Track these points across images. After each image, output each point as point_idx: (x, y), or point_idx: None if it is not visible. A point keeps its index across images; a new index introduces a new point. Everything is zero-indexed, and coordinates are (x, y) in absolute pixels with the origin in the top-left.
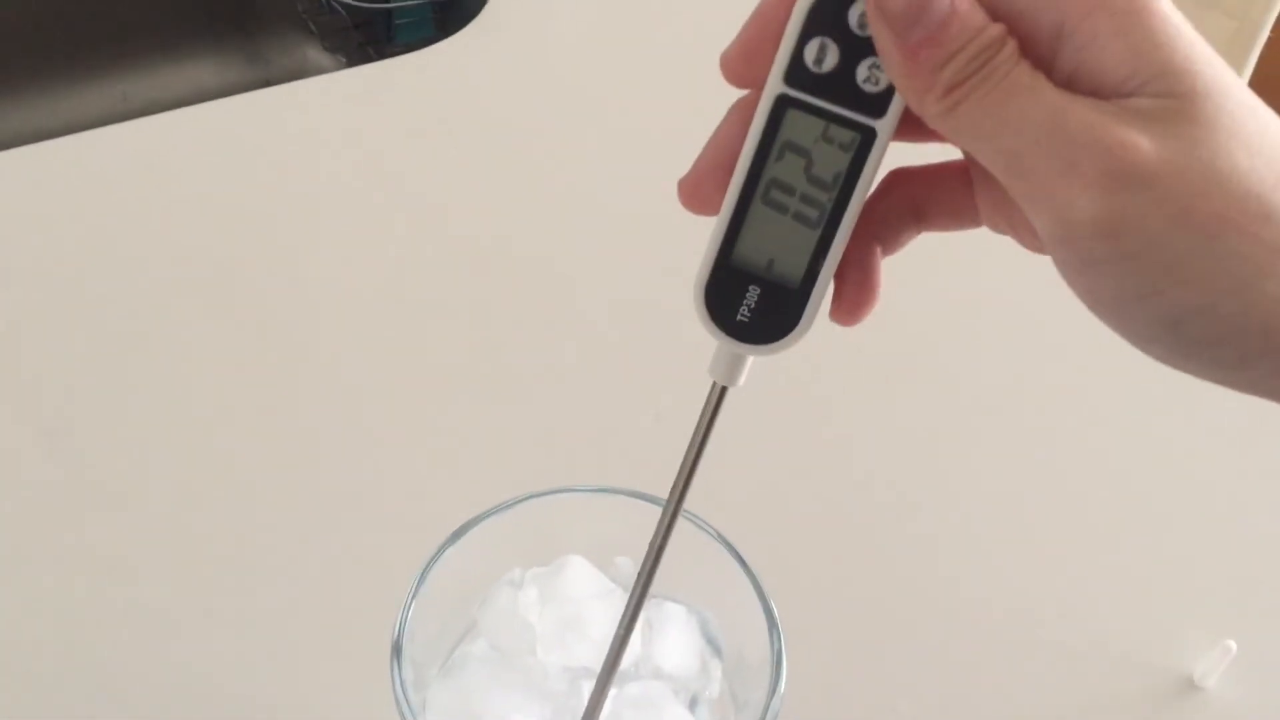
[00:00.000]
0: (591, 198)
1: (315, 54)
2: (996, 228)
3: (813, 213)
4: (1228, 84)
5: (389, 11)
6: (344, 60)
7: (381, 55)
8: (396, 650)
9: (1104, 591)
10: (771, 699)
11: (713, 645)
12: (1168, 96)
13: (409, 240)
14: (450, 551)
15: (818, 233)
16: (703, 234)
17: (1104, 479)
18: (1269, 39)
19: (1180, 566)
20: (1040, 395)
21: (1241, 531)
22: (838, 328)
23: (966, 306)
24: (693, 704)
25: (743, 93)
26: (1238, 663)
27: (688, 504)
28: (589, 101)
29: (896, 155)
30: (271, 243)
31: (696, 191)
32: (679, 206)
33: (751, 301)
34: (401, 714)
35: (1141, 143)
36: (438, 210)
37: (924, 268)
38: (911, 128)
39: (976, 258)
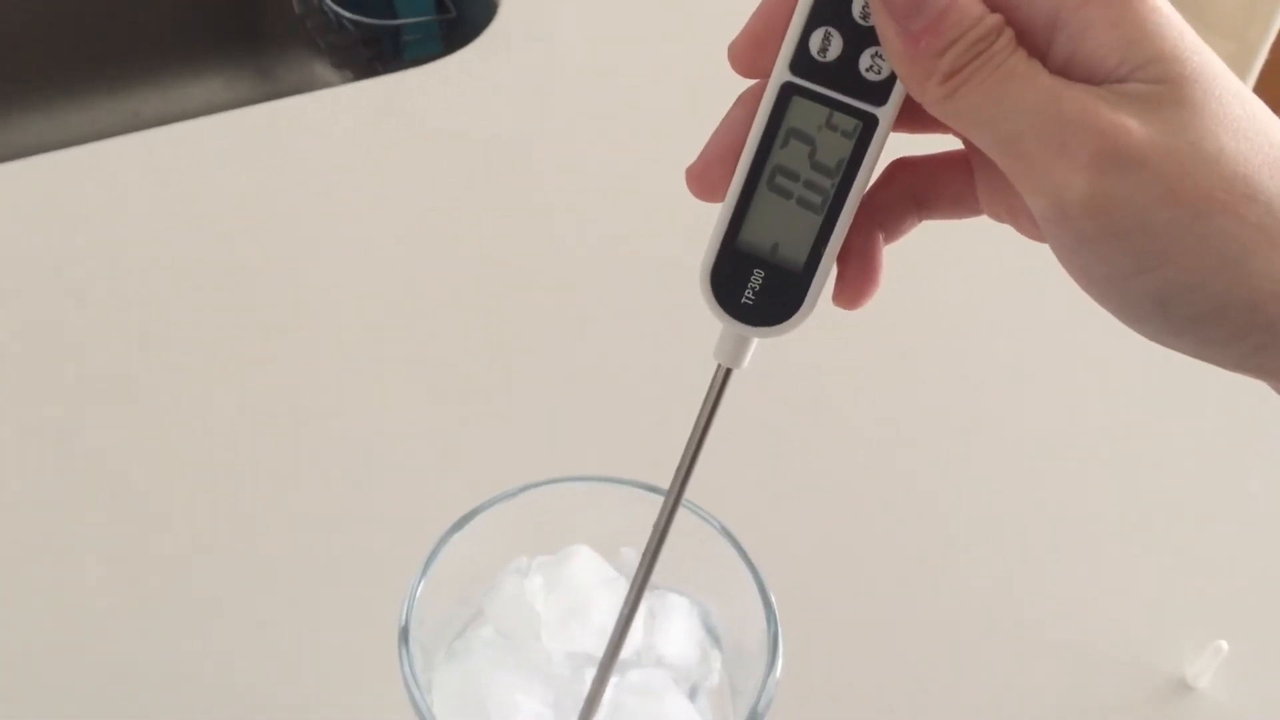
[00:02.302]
0: (596, 208)
1: (324, 71)
2: (996, 215)
3: (816, 198)
4: (1215, 71)
5: (397, 29)
6: (351, 76)
7: (389, 72)
8: (404, 633)
9: (1096, 591)
10: (766, 681)
11: (713, 636)
12: (1157, 82)
13: (417, 246)
14: (457, 537)
15: (821, 217)
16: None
17: (1096, 480)
18: (1268, 60)
19: (1172, 566)
20: (1034, 396)
21: (1233, 531)
22: (844, 316)
23: (968, 305)
24: (693, 693)
25: (749, 83)
26: (1230, 662)
27: (692, 494)
28: (594, 114)
29: (899, 146)
30: (281, 250)
31: (703, 178)
32: (685, 217)
33: (756, 285)
34: (410, 694)
35: (1131, 125)
36: (445, 217)
37: (931, 261)
38: (912, 117)
39: (984, 252)
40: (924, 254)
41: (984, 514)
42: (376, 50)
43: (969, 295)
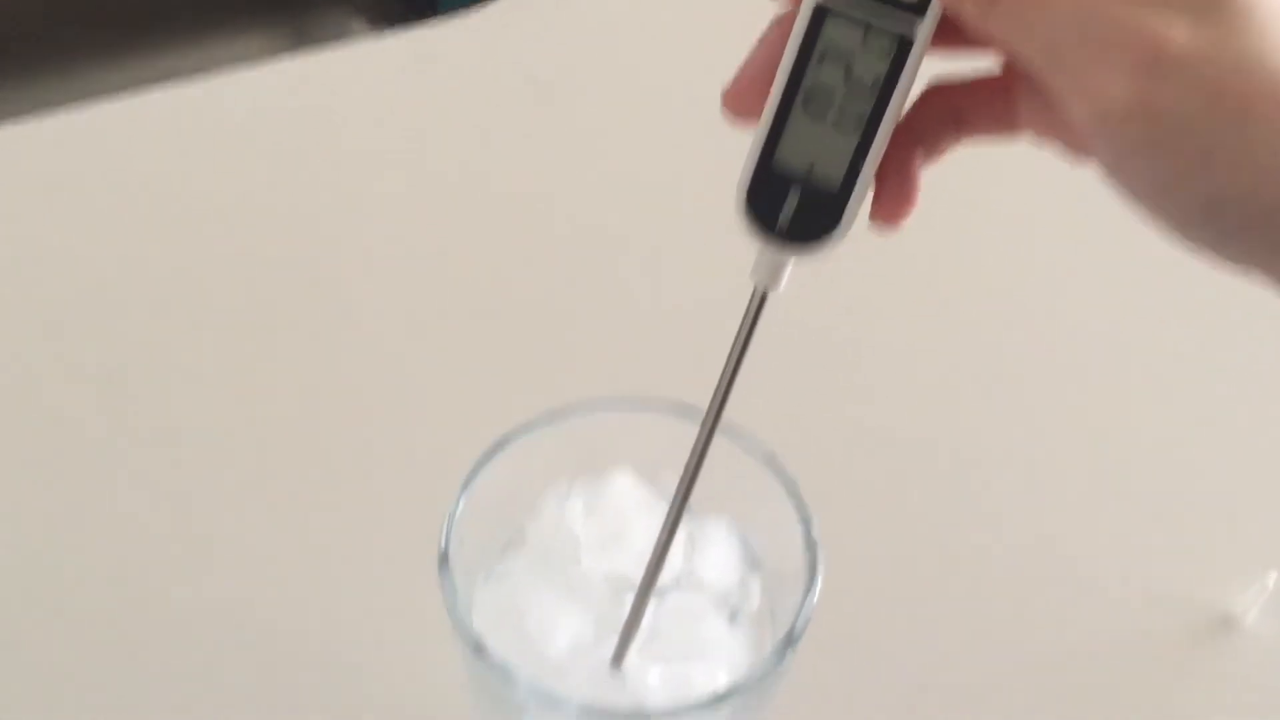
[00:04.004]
0: (636, 144)
1: (359, 27)
2: (1037, 132)
3: (852, 119)
4: None
5: None
6: (386, 30)
7: (424, 24)
8: (444, 554)
9: (1136, 523)
10: (804, 603)
11: (752, 561)
12: None
13: (454, 190)
14: (497, 460)
15: (857, 138)
16: None
17: (1139, 411)
18: None
19: (1216, 496)
20: (1076, 331)
21: None
22: (885, 246)
23: (1014, 242)
24: (732, 617)
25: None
26: (1278, 596)
27: (731, 419)
28: (631, 60)
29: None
30: (318, 199)
31: (739, 100)
32: (720, 167)
33: (792, 205)
34: (451, 614)
35: (1174, 32)
36: (482, 164)
37: (976, 197)
38: (947, 36)
39: (1035, 197)
40: (971, 191)
41: (1024, 447)
42: (412, 6)
43: (1016, 233)
